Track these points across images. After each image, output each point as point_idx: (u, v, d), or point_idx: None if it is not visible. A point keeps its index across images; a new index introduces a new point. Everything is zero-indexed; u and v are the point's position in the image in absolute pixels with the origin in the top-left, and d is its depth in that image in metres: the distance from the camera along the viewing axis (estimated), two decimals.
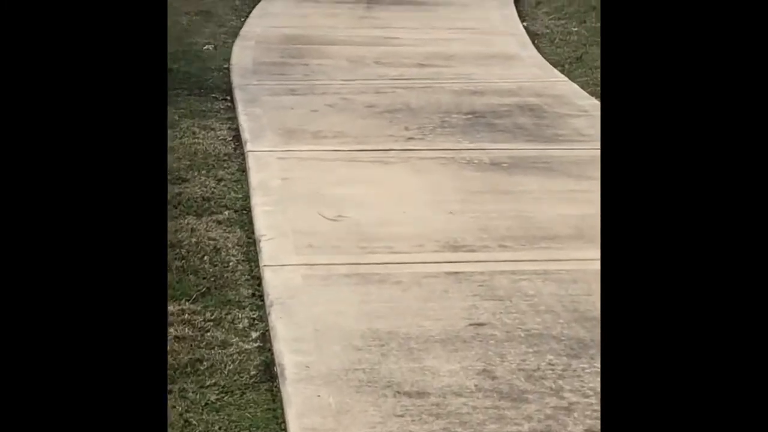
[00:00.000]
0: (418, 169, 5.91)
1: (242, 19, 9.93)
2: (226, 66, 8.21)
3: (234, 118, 6.91)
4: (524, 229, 5.07)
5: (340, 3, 10.79)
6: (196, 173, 5.89)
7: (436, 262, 4.73)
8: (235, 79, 7.78)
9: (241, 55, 8.50)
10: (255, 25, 9.66)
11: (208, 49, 8.70)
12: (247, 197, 5.55)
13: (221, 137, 6.54)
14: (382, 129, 6.60)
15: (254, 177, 5.74)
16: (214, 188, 5.70)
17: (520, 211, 5.28)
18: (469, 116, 6.87)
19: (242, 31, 9.38)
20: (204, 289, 4.55)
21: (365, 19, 10.06)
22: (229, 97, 7.41)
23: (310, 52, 8.60)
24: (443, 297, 4.39)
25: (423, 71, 8.08)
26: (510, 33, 9.52)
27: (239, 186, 5.75)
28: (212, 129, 6.68)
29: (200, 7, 10.19)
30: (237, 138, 6.52)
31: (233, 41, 9.02)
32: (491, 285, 4.49)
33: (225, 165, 6.07)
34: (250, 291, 4.57)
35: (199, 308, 4.38)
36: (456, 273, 4.59)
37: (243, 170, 5.96)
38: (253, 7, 10.56)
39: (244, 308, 4.41)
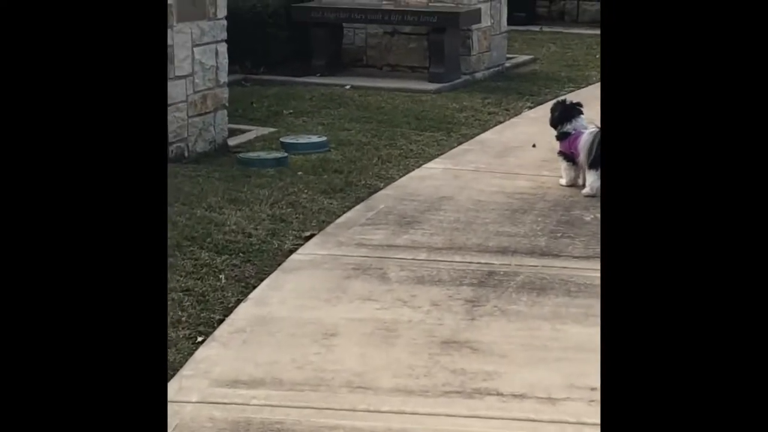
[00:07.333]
0: None
1: (181, 356, 4.55)
2: None
3: None
4: None
5: (419, 284, 5.39)
6: None
7: None
8: None
9: None
10: (190, 391, 4.25)
11: None
12: None
13: None
14: None
15: None
16: None
17: None
18: None
19: None
20: None
21: (449, 352, 4.58)
22: None
23: None
24: None
25: None
26: None
27: None
28: None
29: None
30: None
31: None
32: None
33: None
34: None
35: None
36: None
37: None
38: (239, 302, 5.15)
39: None
